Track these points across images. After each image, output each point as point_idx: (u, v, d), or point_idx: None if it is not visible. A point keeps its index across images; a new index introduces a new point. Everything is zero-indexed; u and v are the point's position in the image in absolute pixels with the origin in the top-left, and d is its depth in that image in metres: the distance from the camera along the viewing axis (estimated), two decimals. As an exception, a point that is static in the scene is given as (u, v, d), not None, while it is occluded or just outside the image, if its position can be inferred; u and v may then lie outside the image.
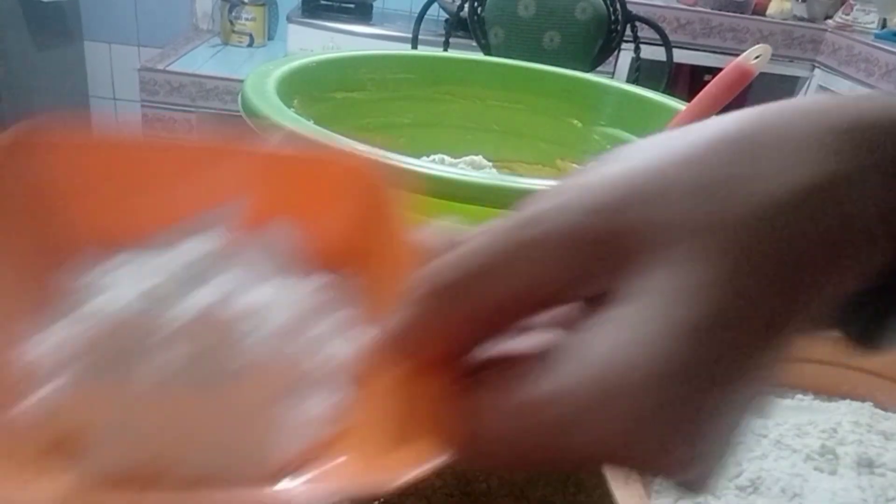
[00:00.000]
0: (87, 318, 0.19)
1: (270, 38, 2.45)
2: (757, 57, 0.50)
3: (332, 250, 0.24)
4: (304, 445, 0.19)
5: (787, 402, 0.37)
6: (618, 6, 1.53)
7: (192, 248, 0.21)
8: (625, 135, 0.59)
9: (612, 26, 1.54)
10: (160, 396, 0.19)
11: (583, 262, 0.16)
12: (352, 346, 0.21)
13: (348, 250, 0.24)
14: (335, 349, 0.21)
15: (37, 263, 0.22)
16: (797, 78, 2.20)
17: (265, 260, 0.22)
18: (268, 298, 0.21)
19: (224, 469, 0.18)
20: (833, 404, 0.37)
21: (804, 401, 0.37)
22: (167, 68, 2.02)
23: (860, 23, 2.12)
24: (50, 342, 0.19)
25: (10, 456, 0.17)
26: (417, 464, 0.17)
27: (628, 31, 1.55)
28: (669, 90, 1.01)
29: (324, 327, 0.21)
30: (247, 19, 2.33)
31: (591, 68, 1.56)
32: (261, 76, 0.47)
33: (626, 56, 1.92)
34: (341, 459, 0.19)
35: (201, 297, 0.20)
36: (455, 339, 0.18)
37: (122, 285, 0.20)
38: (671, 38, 1.62)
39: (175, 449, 0.18)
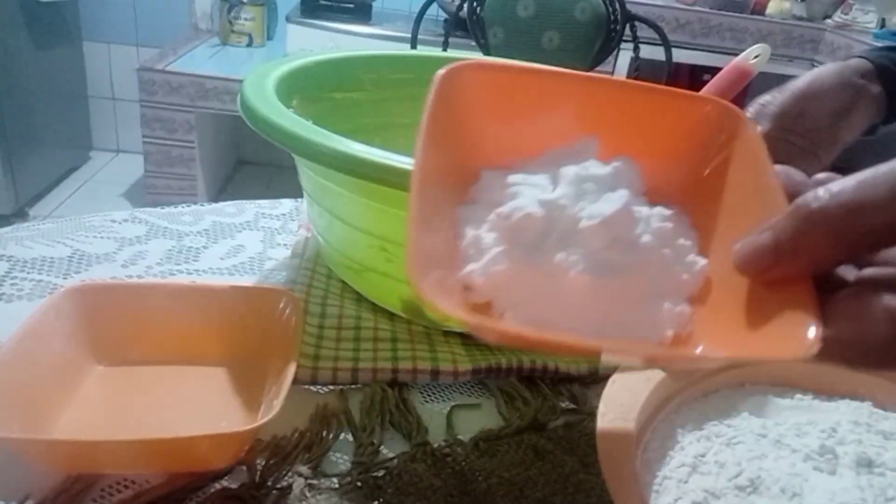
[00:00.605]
0: (504, 216, 0.25)
1: (269, 38, 2.45)
2: (756, 56, 0.50)
3: (675, 183, 0.29)
4: (671, 334, 0.24)
5: (787, 401, 0.37)
6: (617, 6, 1.53)
7: (571, 172, 0.27)
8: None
9: (612, 26, 1.54)
10: (567, 278, 0.24)
11: None
12: (698, 265, 0.26)
13: (698, 182, 0.29)
14: (686, 265, 0.26)
15: (458, 169, 0.28)
16: (796, 77, 2.19)
17: (624, 187, 0.27)
18: (643, 216, 0.26)
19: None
20: (832, 404, 0.37)
21: (804, 400, 0.37)
22: (166, 68, 2.02)
23: (859, 22, 2.12)
24: (479, 230, 0.26)
25: (449, 298, 0.22)
26: (799, 349, 0.20)
27: (627, 31, 1.55)
28: (668, 90, 1.01)
29: (673, 249, 0.26)
30: (246, 19, 2.33)
31: (591, 68, 1.56)
32: (260, 76, 0.47)
33: (625, 56, 1.92)
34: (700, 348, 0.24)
35: (600, 209, 0.25)
36: (824, 256, 0.21)
37: (523, 197, 0.26)
38: (670, 37, 1.62)
39: (572, 320, 0.22)
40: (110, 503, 0.32)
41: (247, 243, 0.58)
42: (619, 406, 0.32)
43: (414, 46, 1.64)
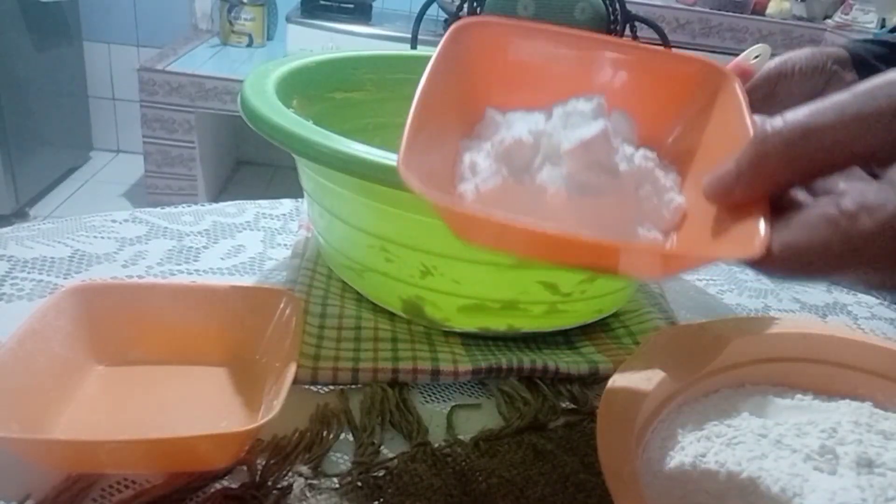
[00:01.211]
0: (497, 143, 0.29)
1: (269, 38, 2.45)
2: (756, 56, 0.50)
3: (666, 136, 0.32)
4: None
5: (787, 401, 0.37)
6: (617, 6, 1.53)
7: (561, 109, 0.30)
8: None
9: (612, 26, 1.54)
10: (547, 194, 0.27)
11: None
12: (675, 202, 0.29)
13: (685, 132, 0.32)
14: (664, 201, 0.29)
15: (462, 107, 0.32)
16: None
17: (616, 130, 0.30)
18: (626, 153, 0.29)
19: None
20: (833, 404, 0.37)
21: (804, 401, 0.37)
22: (166, 68, 2.02)
23: (859, 22, 2.12)
24: (475, 156, 0.29)
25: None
26: (750, 248, 0.23)
27: (627, 31, 1.55)
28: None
29: (654, 186, 0.29)
30: (246, 19, 2.33)
31: (591, 68, 1.55)
32: (260, 76, 0.47)
33: (625, 56, 1.91)
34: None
35: (580, 133, 0.28)
36: (779, 176, 0.24)
37: (516, 127, 0.29)
38: (670, 37, 1.62)
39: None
40: (110, 503, 0.32)
41: (247, 243, 0.58)
42: (619, 406, 0.32)
43: (414, 46, 1.64)
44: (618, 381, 0.34)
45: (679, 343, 0.37)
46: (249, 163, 2.71)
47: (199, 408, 0.38)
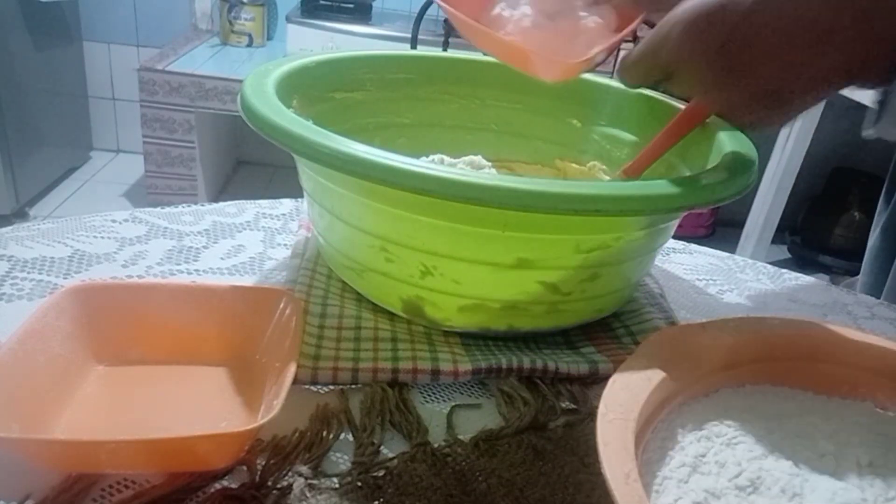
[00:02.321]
0: None
1: (269, 38, 2.45)
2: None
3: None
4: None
5: (787, 401, 0.37)
6: (617, 6, 1.52)
7: None
8: (624, 135, 0.59)
9: (612, 26, 1.54)
10: (512, 22, 0.49)
11: None
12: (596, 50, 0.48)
13: None
14: (591, 48, 0.49)
15: None
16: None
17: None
18: (581, 15, 0.50)
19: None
20: (833, 404, 0.37)
21: (804, 401, 0.37)
22: (166, 68, 2.02)
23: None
24: (502, 6, 0.50)
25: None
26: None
27: (627, 31, 1.55)
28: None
29: (588, 39, 0.50)
30: (246, 19, 2.33)
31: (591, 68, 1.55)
32: (260, 76, 0.47)
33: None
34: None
35: None
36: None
37: None
38: None
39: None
40: (110, 503, 0.32)
41: (247, 243, 0.58)
42: (619, 406, 0.32)
43: (414, 46, 1.64)
44: (618, 381, 0.34)
45: (679, 343, 0.37)
46: (249, 163, 2.71)
47: (199, 408, 0.38)
